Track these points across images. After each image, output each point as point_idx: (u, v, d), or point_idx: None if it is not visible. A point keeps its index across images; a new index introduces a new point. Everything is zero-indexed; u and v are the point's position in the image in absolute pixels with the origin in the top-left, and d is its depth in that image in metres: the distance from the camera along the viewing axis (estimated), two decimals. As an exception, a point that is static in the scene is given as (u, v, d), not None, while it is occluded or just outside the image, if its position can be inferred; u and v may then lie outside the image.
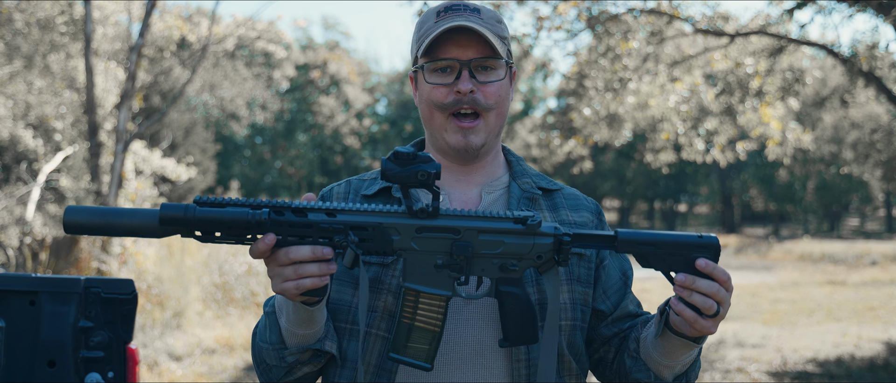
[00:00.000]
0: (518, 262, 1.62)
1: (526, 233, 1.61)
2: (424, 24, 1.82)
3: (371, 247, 1.59)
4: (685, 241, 1.62)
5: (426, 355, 1.63)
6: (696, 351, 1.72)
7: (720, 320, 1.60)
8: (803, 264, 23.45)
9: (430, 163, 1.53)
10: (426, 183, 1.53)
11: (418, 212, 1.58)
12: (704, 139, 12.85)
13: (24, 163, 14.25)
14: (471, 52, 1.76)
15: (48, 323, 1.75)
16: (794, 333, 10.97)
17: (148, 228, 1.56)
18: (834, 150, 28.26)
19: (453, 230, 1.60)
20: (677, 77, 11.70)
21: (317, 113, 40.35)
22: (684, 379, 1.77)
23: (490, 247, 1.61)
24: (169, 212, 1.54)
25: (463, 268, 1.60)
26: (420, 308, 1.62)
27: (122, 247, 11.22)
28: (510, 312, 1.64)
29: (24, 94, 13.77)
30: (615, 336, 1.86)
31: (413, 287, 1.61)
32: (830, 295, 15.54)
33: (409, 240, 1.59)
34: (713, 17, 10.32)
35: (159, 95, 22.77)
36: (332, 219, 1.57)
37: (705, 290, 1.57)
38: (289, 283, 1.53)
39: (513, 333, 1.65)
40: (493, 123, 1.82)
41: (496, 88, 1.79)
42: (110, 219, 1.56)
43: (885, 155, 17.38)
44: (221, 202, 1.55)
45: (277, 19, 26.79)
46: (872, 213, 48.02)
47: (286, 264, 1.53)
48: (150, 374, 7.84)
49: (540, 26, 10.63)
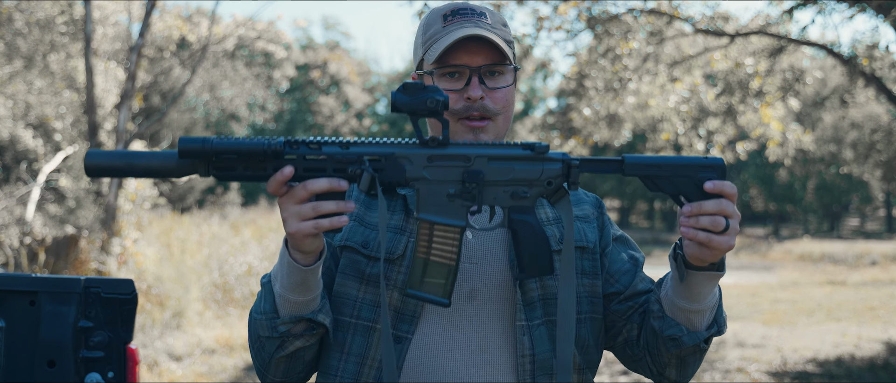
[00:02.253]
0: (529, 189, 1.64)
1: (535, 158, 1.64)
2: (431, 26, 1.83)
3: (384, 178, 1.61)
4: (690, 162, 1.65)
5: (443, 290, 1.65)
6: (717, 289, 1.73)
7: (735, 233, 1.60)
8: (803, 264, 23.46)
9: (439, 91, 1.56)
10: (436, 110, 1.56)
11: (429, 140, 1.61)
12: (704, 139, 12.84)
13: (24, 163, 14.26)
14: (480, 59, 1.77)
15: (48, 323, 1.75)
16: (794, 333, 10.97)
17: (167, 167, 1.58)
18: (834, 150, 28.26)
19: (464, 157, 1.62)
20: (677, 77, 11.70)
21: (317, 113, 40.37)
22: (715, 328, 1.76)
23: (501, 173, 1.63)
24: (187, 144, 1.55)
25: (475, 196, 1.63)
26: (435, 241, 1.64)
27: (122, 246, 11.22)
28: (524, 242, 1.66)
29: (24, 93, 13.77)
30: (632, 311, 1.85)
31: (427, 218, 1.63)
32: (830, 295, 15.54)
33: (421, 169, 1.62)
34: (713, 18, 10.32)
35: (159, 95, 22.78)
36: (347, 151, 1.59)
37: (712, 210, 1.58)
38: (306, 223, 1.54)
39: (528, 264, 1.67)
40: (502, 124, 1.83)
41: (504, 94, 1.81)
42: (130, 160, 1.58)
43: (885, 155, 17.38)
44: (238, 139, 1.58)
45: (277, 19, 26.83)
46: (872, 213, 48.01)
47: (304, 198, 1.54)
48: (150, 374, 7.84)
49: (540, 26, 10.63)
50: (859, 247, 26.43)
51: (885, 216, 45.40)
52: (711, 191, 1.60)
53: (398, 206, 1.84)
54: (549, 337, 1.78)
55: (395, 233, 1.80)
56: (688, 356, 1.77)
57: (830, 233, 38.95)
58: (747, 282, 18.08)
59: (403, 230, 1.80)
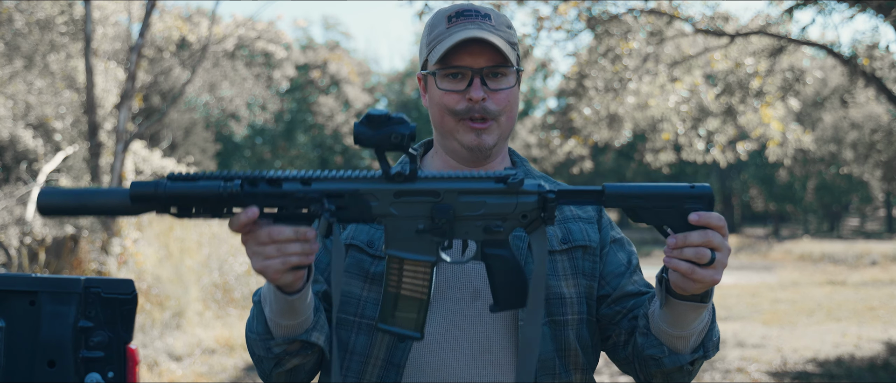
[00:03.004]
0: (503, 223, 1.56)
1: (508, 192, 1.55)
2: (435, 27, 1.83)
3: (349, 216, 1.54)
4: (677, 193, 1.55)
5: (415, 324, 1.58)
6: (706, 315, 1.66)
7: (722, 267, 1.53)
8: (803, 264, 23.46)
9: (403, 124, 1.47)
10: (400, 145, 1.47)
11: (395, 176, 1.53)
12: (704, 139, 12.84)
13: (24, 163, 14.25)
14: (483, 61, 1.78)
15: (48, 323, 1.75)
16: (794, 333, 10.97)
17: (121, 207, 1.51)
18: (834, 150, 28.24)
19: (433, 193, 1.54)
20: (677, 77, 11.70)
21: (317, 113, 40.34)
22: (701, 352, 1.71)
23: (472, 208, 1.55)
24: (139, 189, 1.49)
25: (446, 231, 1.55)
26: (405, 275, 1.57)
27: (122, 246, 11.22)
28: (498, 275, 1.59)
29: (24, 93, 13.76)
30: (620, 316, 1.83)
31: (396, 254, 1.57)
32: (830, 295, 15.54)
33: (387, 205, 1.54)
34: (713, 18, 10.31)
35: (159, 95, 22.78)
36: (307, 188, 1.51)
37: (697, 242, 1.50)
38: (272, 261, 1.48)
39: (502, 297, 1.60)
40: (505, 125, 1.83)
41: (506, 95, 1.81)
42: (84, 200, 1.52)
43: (885, 155, 17.38)
44: (194, 176, 1.50)
45: (277, 19, 26.81)
46: (872, 213, 48.01)
47: (267, 243, 1.48)
48: (150, 374, 7.84)
49: (540, 26, 10.63)
50: (859, 247, 26.43)
51: (885, 216, 45.38)
52: (697, 223, 1.51)
53: None
54: (551, 337, 1.78)
55: None
56: (673, 374, 1.73)
57: (830, 233, 38.96)
58: (747, 282, 18.08)
59: None
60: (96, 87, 12.78)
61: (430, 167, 1.93)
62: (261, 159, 40.78)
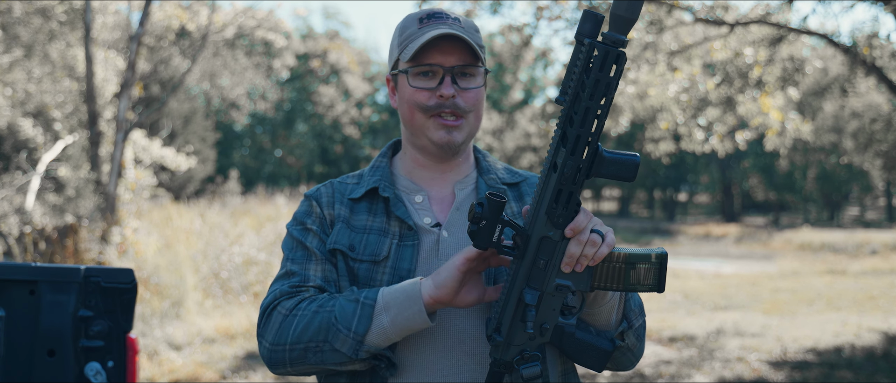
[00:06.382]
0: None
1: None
2: (407, 29, 1.91)
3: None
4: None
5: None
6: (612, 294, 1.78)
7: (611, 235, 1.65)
8: (803, 253, 23.46)
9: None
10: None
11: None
12: (704, 129, 12.82)
13: (24, 152, 14.23)
14: (453, 59, 1.85)
15: (48, 312, 1.75)
16: (794, 322, 10.98)
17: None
18: (834, 140, 28.20)
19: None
20: (677, 66, 11.68)
21: (316, 102, 40.32)
22: (625, 323, 1.83)
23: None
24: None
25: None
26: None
27: (122, 236, 11.22)
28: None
29: (23, 82, 13.74)
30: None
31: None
32: (831, 284, 15.55)
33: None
34: (713, 7, 10.29)
35: (159, 84, 22.75)
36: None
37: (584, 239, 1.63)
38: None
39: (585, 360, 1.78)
40: (473, 124, 1.91)
41: (475, 94, 1.88)
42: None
43: (885, 144, 17.37)
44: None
45: (277, 8, 26.70)
46: (873, 203, 48.01)
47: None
48: (149, 363, 7.85)
49: (539, 16, 10.61)
50: (859, 237, 26.42)
51: (885, 205, 45.39)
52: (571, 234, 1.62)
53: (379, 209, 1.91)
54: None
55: (378, 235, 1.87)
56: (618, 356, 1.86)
57: (831, 223, 38.94)
58: (747, 272, 18.08)
59: (386, 232, 1.87)
60: (96, 75, 12.76)
61: (399, 167, 2.00)
62: (261, 148, 40.77)
